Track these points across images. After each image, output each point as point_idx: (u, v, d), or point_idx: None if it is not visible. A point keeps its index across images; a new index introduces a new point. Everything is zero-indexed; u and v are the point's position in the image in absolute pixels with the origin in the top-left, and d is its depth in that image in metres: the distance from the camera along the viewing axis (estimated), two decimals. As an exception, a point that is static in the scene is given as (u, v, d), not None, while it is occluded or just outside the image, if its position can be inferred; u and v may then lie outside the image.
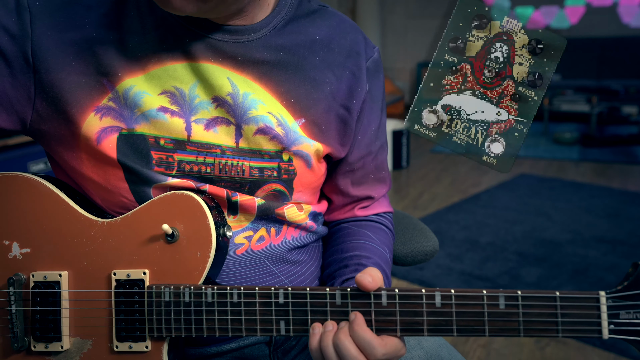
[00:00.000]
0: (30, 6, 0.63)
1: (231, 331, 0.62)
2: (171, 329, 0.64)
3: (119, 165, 0.67)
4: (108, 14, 0.66)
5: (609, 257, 2.59)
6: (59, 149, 0.70)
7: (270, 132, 0.70)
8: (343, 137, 0.77)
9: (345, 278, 0.76)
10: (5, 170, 0.70)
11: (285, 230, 0.77)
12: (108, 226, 0.67)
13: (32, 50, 0.63)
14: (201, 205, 0.65)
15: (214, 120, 0.69)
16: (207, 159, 0.69)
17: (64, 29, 0.64)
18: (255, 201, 0.72)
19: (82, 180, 0.70)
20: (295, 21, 0.72)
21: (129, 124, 0.66)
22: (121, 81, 0.66)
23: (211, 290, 0.62)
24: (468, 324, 0.57)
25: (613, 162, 4.39)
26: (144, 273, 0.65)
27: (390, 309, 0.59)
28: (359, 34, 0.78)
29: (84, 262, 0.67)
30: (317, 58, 0.73)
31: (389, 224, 0.88)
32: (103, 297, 0.66)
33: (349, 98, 0.75)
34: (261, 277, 0.75)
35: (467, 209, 3.34)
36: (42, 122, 0.67)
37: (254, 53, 0.69)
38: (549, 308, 0.56)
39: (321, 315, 0.60)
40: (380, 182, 0.86)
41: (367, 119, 0.79)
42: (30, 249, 0.68)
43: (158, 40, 0.66)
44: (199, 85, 0.68)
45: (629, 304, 0.55)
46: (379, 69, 0.80)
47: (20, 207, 0.69)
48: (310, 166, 0.75)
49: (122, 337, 0.65)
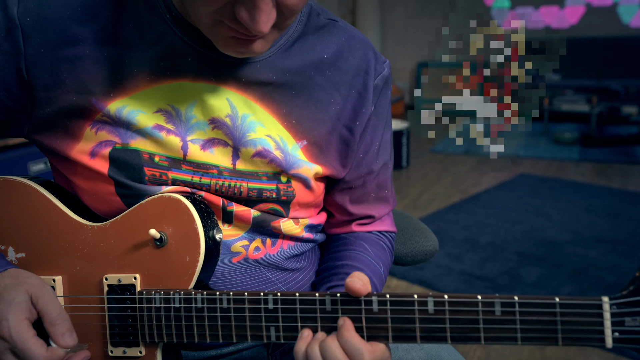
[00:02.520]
0: (22, 23, 0.61)
1: (222, 337, 0.61)
2: (162, 334, 0.63)
3: (110, 180, 0.66)
4: (104, 29, 0.63)
5: (609, 257, 2.59)
6: (54, 159, 0.70)
7: (268, 156, 0.68)
8: (345, 158, 0.74)
9: (332, 285, 0.74)
10: (6, 170, 0.70)
11: (281, 242, 0.75)
12: (98, 230, 0.66)
13: (26, 67, 0.62)
14: (188, 208, 0.64)
15: (210, 141, 0.67)
16: (203, 180, 0.67)
17: (57, 45, 0.62)
18: (251, 212, 0.70)
19: (76, 188, 0.70)
20: (302, 39, 0.69)
21: (124, 139, 0.65)
22: (112, 101, 0.64)
23: (201, 295, 0.61)
24: (462, 331, 0.54)
25: (613, 162, 4.39)
26: (135, 278, 0.64)
27: (381, 315, 0.56)
28: (369, 50, 0.75)
29: (76, 267, 0.67)
30: (323, 78, 0.70)
31: (388, 243, 0.85)
32: (96, 303, 0.66)
33: (353, 119, 0.72)
34: (258, 284, 0.73)
35: (467, 209, 3.34)
36: (38, 134, 0.67)
37: (258, 75, 0.66)
38: (548, 315, 0.52)
39: (311, 322, 0.58)
40: (382, 202, 0.82)
41: (369, 137, 0.76)
42: (25, 253, 0.68)
43: (157, 56, 0.64)
44: (196, 105, 0.65)
45: (635, 310, 0.51)
46: (387, 85, 0.76)
47: (16, 212, 0.68)
48: (309, 187, 0.72)
49: (116, 343, 0.65)
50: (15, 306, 0.59)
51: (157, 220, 0.64)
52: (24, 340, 0.58)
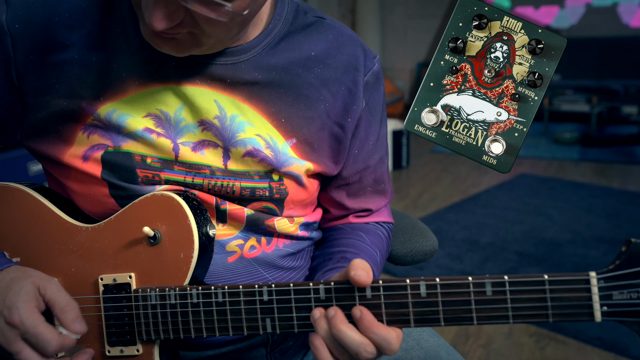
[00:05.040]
0: (11, 30, 0.62)
1: (218, 330, 0.62)
2: (159, 331, 0.63)
3: (104, 182, 0.66)
4: (91, 34, 0.63)
5: (609, 257, 2.59)
6: (47, 164, 0.70)
7: (258, 155, 0.68)
8: (337, 155, 0.74)
9: (328, 269, 0.74)
10: (5, 170, 0.70)
11: (276, 241, 0.75)
12: (92, 231, 0.67)
13: (16, 74, 0.62)
14: (181, 205, 0.64)
15: (201, 143, 0.67)
16: (196, 180, 0.68)
17: (45, 51, 0.63)
18: (244, 211, 0.71)
19: (71, 192, 0.70)
20: (289, 37, 0.69)
21: (116, 142, 0.66)
22: (102, 105, 0.64)
23: (196, 290, 0.62)
24: (455, 312, 0.56)
25: (613, 162, 4.39)
26: (130, 277, 0.65)
27: (375, 301, 0.57)
28: (357, 46, 0.75)
29: (72, 269, 0.67)
30: (311, 75, 0.70)
31: (385, 232, 0.85)
32: (92, 303, 0.66)
33: (343, 116, 0.73)
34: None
35: (467, 209, 3.34)
36: (30, 140, 0.67)
37: (243, 75, 0.67)
38: (537, 292, 0.54)
39: (306, 311, 0.59)
40: (379, 195, 0.83)
41: (364, 132, 0.76)
42: (20, 258, 0.68)
43: (144, 61, 0.64)
44: (185, 108, 0.66)
45: (622, 284, 0.52)
46: (379, 80, 0.77)
47: (9, 217, 0.69)
48: (302, 184, 0.73)
49: (113, 342, 0.65)
50: (24, 294, 0.60)
51: (150, 218, 0.65)
52: (36, 325, 0.58)
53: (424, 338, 0.80)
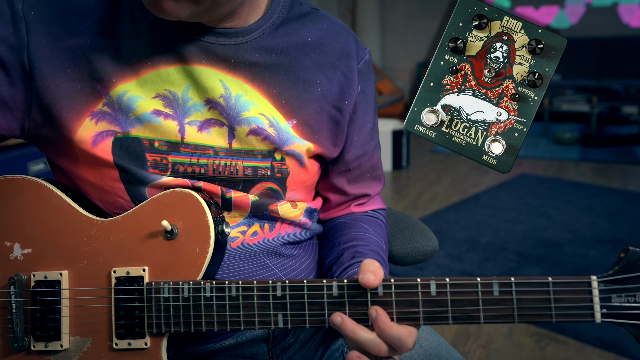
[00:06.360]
0: (26, 16, 0.64)
1: (230, 325, 0.63)
2: (170, 324, 0.64)
3: (115, 167, 0.68)
4: (102, 21, 0.67)
5: (609, 257, 2.59)
6: (56, 153, 0.71)
7: (262, 133, 0.71)
8: (335, 137, 0.78)
9: (346, 266, 0.77)
10: (5, 170, 0.70)
11: (279, 227, 0.78)
12: (109, 225, 0.68)
13: (28, 59, 0.65)
14: (200, 202, 0.66)
15: (207, 122, 0.70)
16: (201, 160, 0.70)
17: (59, 37, 0.65)
18: (249, 198, 0.73)
19: (79, 182, 0.72)
20: (287, 23, 0.73)
21: (124, 127, 0.68)
22: (115, 87, 0.67)
23: (210, 285, 0.63)
24: (463, 311, 0.58)
25: (613, 162, 4.39)
26: (144, 270, 0.66)
27: (386, 298, 0.59)
28: (350, 36, 0.79)
29: (84, 261, 0.68)
30: (308, 60, 0.74)
31: (383, 219, 0.90)
32: (103, 295, 0.67)
33: (340, 99, 0.76)
34: (255, 269, 0.76)
35: (467, 209, 3.34)
36: (39, 128, 0.68)
37: (246, 55, 0.70)
38: (541, 294, 0.57)
39: (318, 307, 0.61)
40: (375, 180, 0.89)
41: (361, 119, 0.80)
42: (31, 249, 0.69)
43: (151, 44, 0.67)
44: (192, 87, 0.69)
45: (620, 288, 0.56)
46: (370, 70, 0.81)
47: (22, 209, 0.69)
48: (303, 165, 0.76)
49: (122, 334, 0.65)
50: None
51: (168, 214, 0.67)
52: None
53: (423, 337, 0.80)
